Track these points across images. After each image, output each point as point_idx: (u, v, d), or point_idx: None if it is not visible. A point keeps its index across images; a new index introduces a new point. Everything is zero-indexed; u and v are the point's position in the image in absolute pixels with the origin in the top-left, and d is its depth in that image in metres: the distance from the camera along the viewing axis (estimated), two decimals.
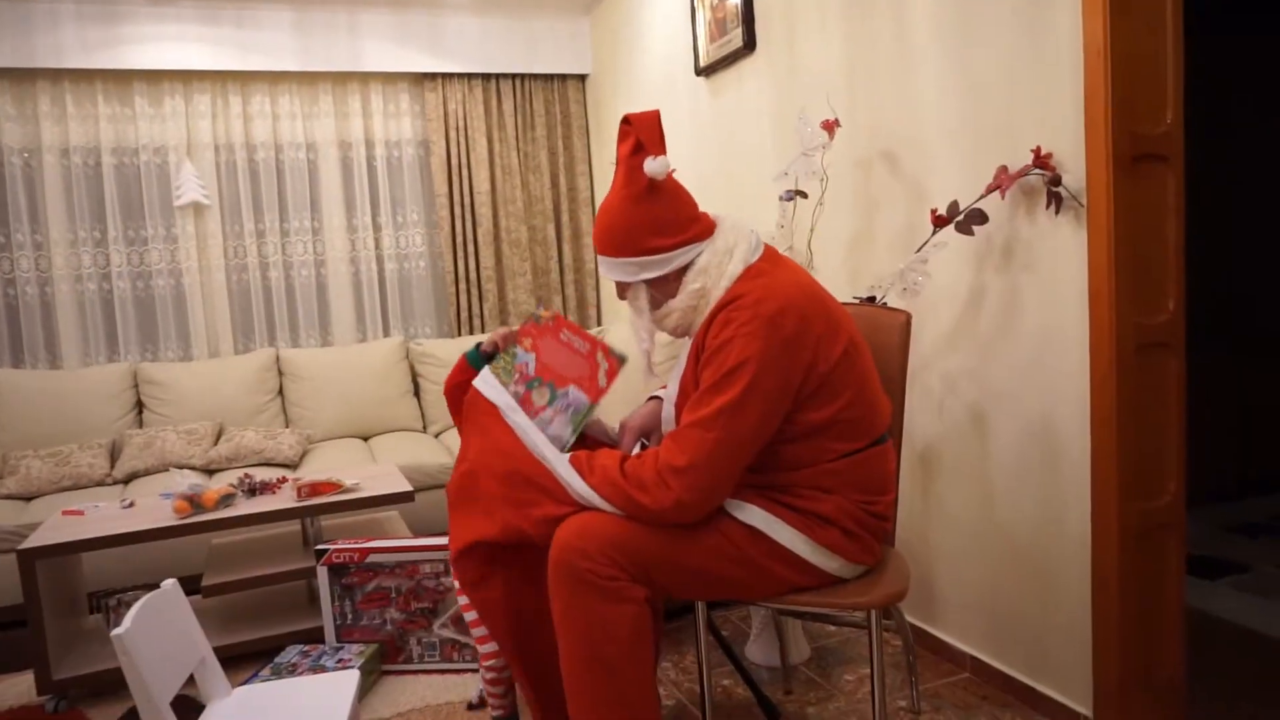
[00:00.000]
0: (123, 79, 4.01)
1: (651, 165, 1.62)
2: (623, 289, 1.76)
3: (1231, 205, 3.86)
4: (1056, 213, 1.93)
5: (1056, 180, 1.89)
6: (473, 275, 4.59)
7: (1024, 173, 1.95)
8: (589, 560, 1.55)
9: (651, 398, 1.97)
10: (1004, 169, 2.01)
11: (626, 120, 1.68)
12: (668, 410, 1.77)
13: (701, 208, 1.74)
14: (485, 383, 1.85)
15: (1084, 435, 1.94)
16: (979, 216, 2.06)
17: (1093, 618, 1.93)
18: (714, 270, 1.64)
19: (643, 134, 1.65)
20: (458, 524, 1.79)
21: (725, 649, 2.23)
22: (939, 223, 2.13)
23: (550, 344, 1.87)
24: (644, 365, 1.81)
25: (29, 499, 3.36)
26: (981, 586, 2.28)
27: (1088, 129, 1.83)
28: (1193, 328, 2.23)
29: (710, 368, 1.58)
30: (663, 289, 1.71)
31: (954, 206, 2.11)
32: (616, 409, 3.17)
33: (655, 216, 1.66)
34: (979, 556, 2.28)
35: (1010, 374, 2.13)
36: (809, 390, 1.58)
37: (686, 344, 1.73)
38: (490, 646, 2.00)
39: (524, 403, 1.86)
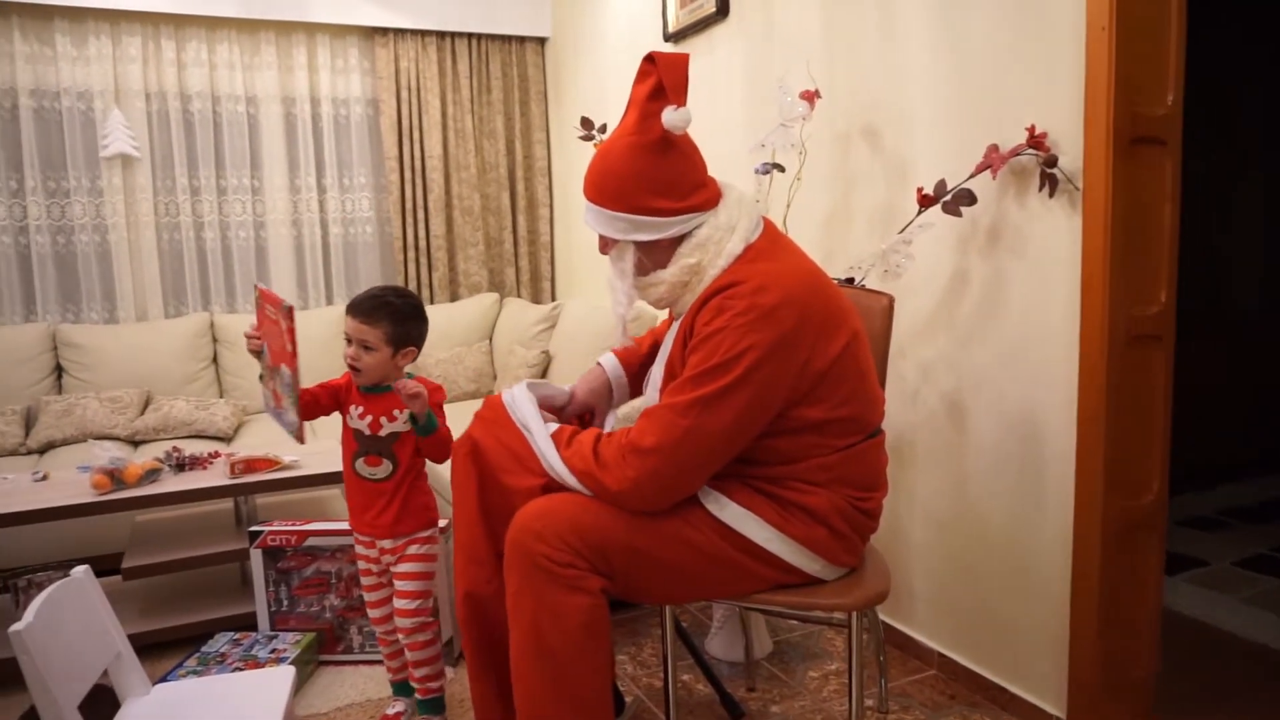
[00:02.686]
0: (42, 14, 3.69)
1: (671, 116, 1.46)
2: (606, 244, 1.59)
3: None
4: (1050, 195, 1.84)
5: (1052, 161, 1.80)
6: (422, 243, 4.38)
7: (1017, 152, 1.86)
8: (543, 543, 1.44)
9: (596, 365, 1.84)
10: (994, 148, 1.92)
11: (650, 58, 1.49)
12: (651, 394, 1.64)
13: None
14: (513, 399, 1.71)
15: (1068, 428, 1.87)
16: (967, 197, 1.97)
17: (1071, 617, 1.87)
18: (712, 246, 1.50)
19: (667, 77, 1.47)
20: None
21: (686, 643, 2.13)
22: (925, 202, 2.03)
23: (266, 326, 1.84)
24: (617, 331, 1.65)
25: None
26: (951, 582, 2.21)
27: (1088, 107, 1.74)
28: None
29: (698, 354, 1.45)
30: (652, 255, 1.55)
31: (941, 186, 2.01)
32: (570, 373, 3.03)
33: (662, 174, 1.49)
34: (950, 551, 2.21)
35: (991, 363, 2.05)
36: (804, 388, 1.47)
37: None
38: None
39: (275, 397, 1.89)
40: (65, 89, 3.75)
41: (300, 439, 1.90)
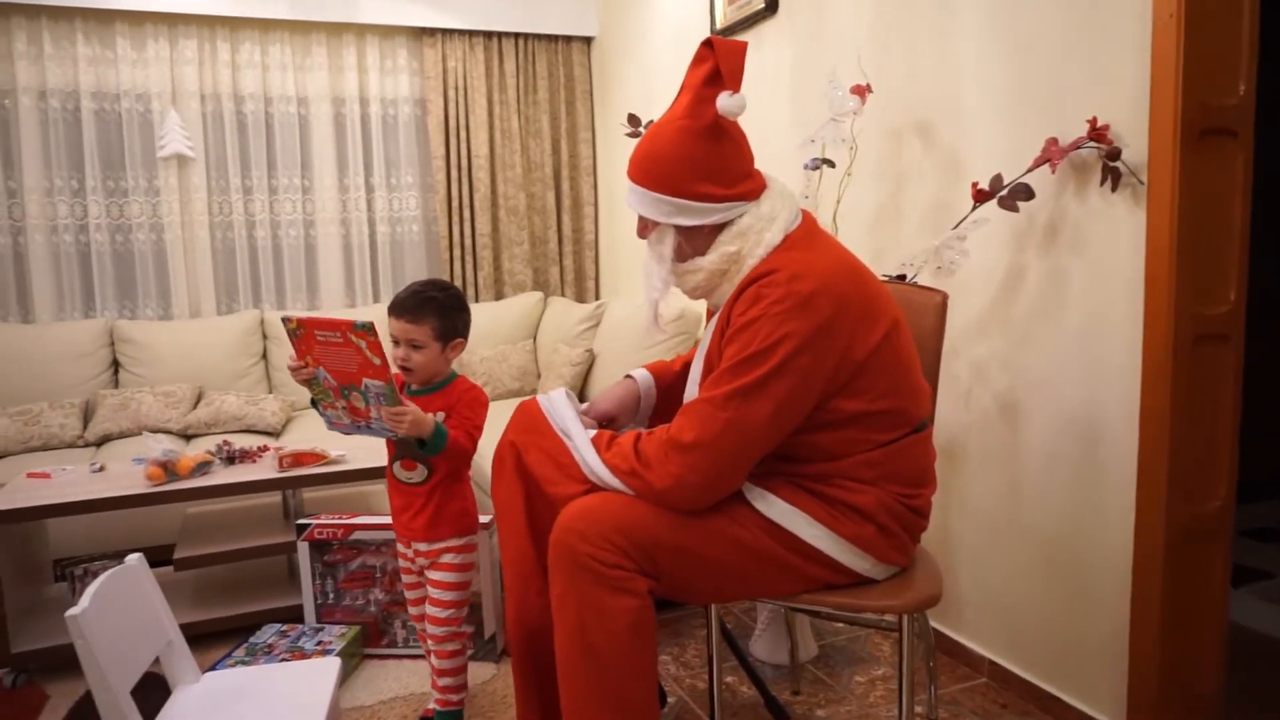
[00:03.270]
0: (104, 19, 3.79)
1: (727, 101, 1.44)
2: (646, 227, 1.57)
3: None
4: (1113, 190, 1.78)
5: (1115, 154, 1.74)
6: (468, 242, 4.41)
7: (1077, 145, 1.80)
8: (588, 543, 1.42)
9: (626, 377, 1.81)
10: (1053, 141, 1.86)
11: (708, 43, 1.47)
12: (691, 390, 1.62)
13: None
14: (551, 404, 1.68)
15: (1129, 431, 1.80)
16: (1024, 192, 1.92)
17: (1131, 626, 1.81)
18: (753, 236, 1.48)
19: (724, 63, 1.45)
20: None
21: (731, 645, 2.10)
22: (980, 197, 1.98)
23: (320, 350, 1.76)
24: (649, 317, 1.62)
25: None
26: (1004, 588, 2.15)
27: (1153, 98, 1.68)
28: None
29: (735, 345, 1.43)
30: (693, 241, 1.53)
31: (997, 180, 1.96)
32: (614, 371, 3.01)
33: (710, 160, 1.48)
34: (1003, 556, 2.15)
35: (1047, 362, 1.99)
36: (843, 378, 1.44)
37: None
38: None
39: (354, 414, 1.82)
40: (125, 91, 3.84)
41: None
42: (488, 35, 4.36)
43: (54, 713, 2.16)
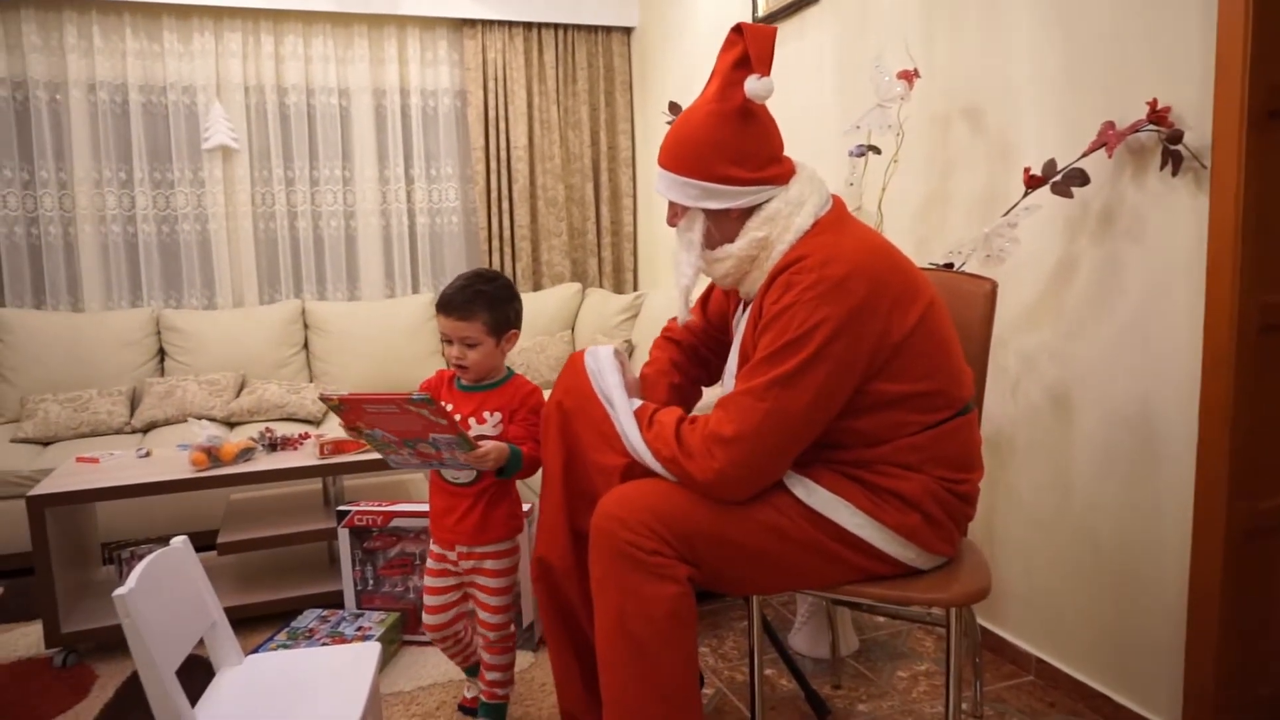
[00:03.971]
0: (151, 12, 3.84)
1: (754, 84, 1.44)
2: (675, 214, 1.56)
3: None
4: (1173, 174, 1.72)
5: (1176, 137, 1.68)
6: (506, 233, 4.41)
7: (1136, 128, 1.74)
8: (629, 530, 1.41)
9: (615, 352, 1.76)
10: (1110, 125, 1.80)
11: (737, 29, 1.47)
12: (727, 382, 1.61)
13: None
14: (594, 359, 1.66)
15: (1187, 424, 1.74)
16: (1079, 177, 1.86)
17: (1188, 626, 1.75)
18: (781, 220, 1.47)
19: (753, 47, 1.45)
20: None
21: (771, 637, 2.07)
22: (1032, 183, 1.92)
23: (372, 418, 1.65)
24: (680, 305, 1.61)
25: (46, 443, 3.26)
26: (1052, 584, 2.10)
27: (1218, 77, 1.62)
28: None
29: (769, 334, 1.41)
30: (722, 227, 1.52)
31: (1051, 166, 1.91)
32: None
33: (739, 143, 1.47)
34: (1052, 551, 2.09)
35: (1101, 353, 1.93)
36: (880, 361, 1.41)
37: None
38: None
39: (423, 457, 1.74)
40: (171, 83, 3.89)
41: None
42: (527, 26, 4.36)
43: (103, 692, 2.20)
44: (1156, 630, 1.84)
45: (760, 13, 3.21)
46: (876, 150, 2.32)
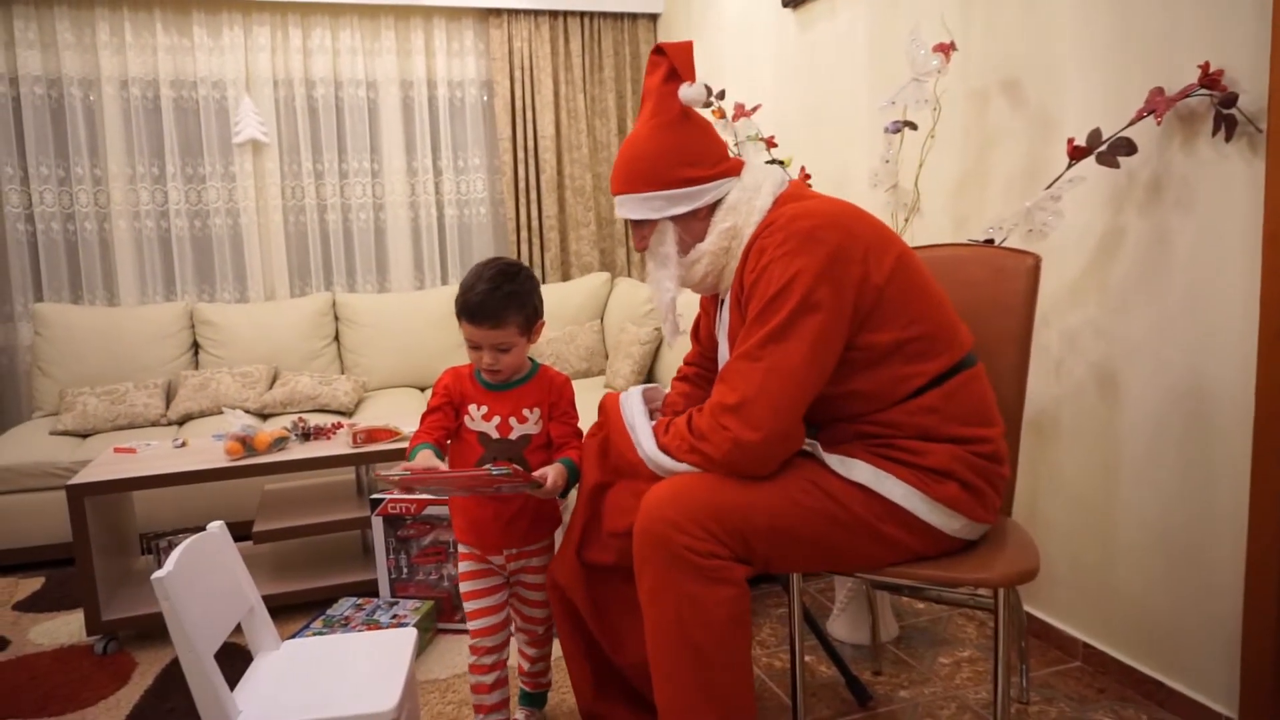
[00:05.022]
0: (181, 7, 3.87)
1: (687, 91, 1.52)
2: (643, 236, 1.59)
3: None
4: (1226, 140, 1.66)
5: (1230, 101, 1.62)
6: (535, 223, 4.40)
7: (1187, 93, 1.68)
8: (682, 533, 1.36)
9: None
10: (1158, 91, 1.74)
11: (659, 50, 1.57)
12: (724, 363, 1.61)
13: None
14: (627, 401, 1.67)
15: (1243, 399, 1.68)
16: (1125, 146, 1.80)
17: (1244, 611, 1.69)
18: (744, 206, 1.51)
19: (677, 61, 1.54)
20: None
21: (810, 624, 2.04)
22: (1076, 154, 1.87)
23: (438, 482, 1.58)
24: (669, 324, 1.65)
25: (84, 436, 3.30)
26: (1100, 569, 2.04)
27: (1275, 37, 1.55)
28: None
29: (753, 300, 1.43)
30: (691, 230, 1.56)
31: (1095, 135, 1.85)
32: (683, 349, 2.94)
33: (688, 145, 1.53)
34: (1099, 536, 2.04)
35: (1149, 330, 1.87)
36: (866, 308, 1.41)
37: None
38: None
39: (476, 492, 1.69)
40: (201, 78, 3.92)
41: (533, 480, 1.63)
42: (553, 15, 4.33)
43: (143, 678, 2.21)
44: (1212, 613, 1.78)
45: None
46: (913, 126, 2.27)
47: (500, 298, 1.64)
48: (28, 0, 3.68)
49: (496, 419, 1.74)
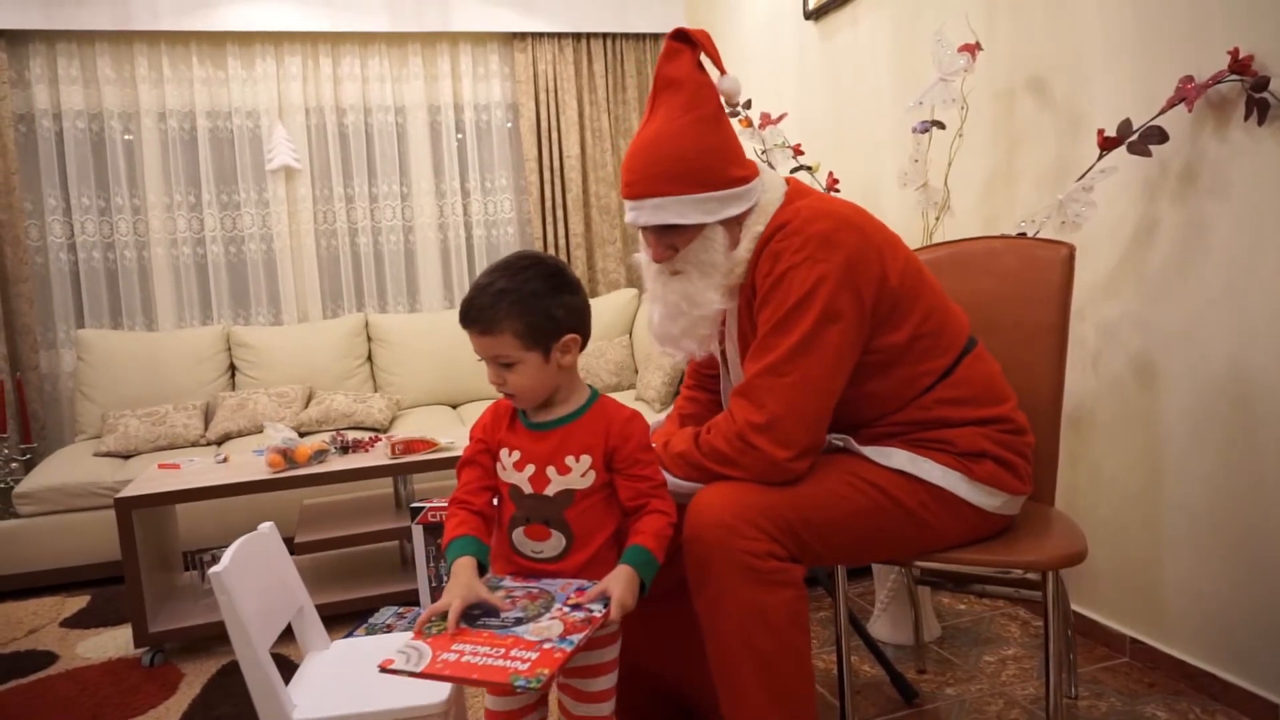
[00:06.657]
0: (216, 41, 3.98)
1: (728, 83, 1.46)
2: (671, 245, 1.44)
3: None
4: (1259, 124, 1.66)
5: (1262, 84, 1.63)
6: (561, 242, 4.45)
7: (1217, 80, 1.69)
8: (739, 537, 1.32)
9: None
10: (1188, 79, 1.75)
11: (684, 36, 1.43)
12: (735, 373, 1.57)
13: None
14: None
15: None
16: (1157, 135, 1.81)
17: None
18: (769, 207, 1.45)
19: (707, 49, 1.44)
20: None
21: (853, 624, 2.03)
22: (1107, 144, 1.88)
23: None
24: (700, 338, 1.51)
25: (127, 457, 3.36)
26: (1146, 563, 2.02)
27: None
28: None
29: (769, 306, 1.39)
30: (733, 234, 1.45)
31: (1126, 125, 1.86)
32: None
33: (730, 143, 1.45)
34: (1143, 529, 2.02)
35: (1188, 320, 1.87)
36: (886, 308, 1.41)
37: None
38: None
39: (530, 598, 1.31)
40: (236, 108, 4.02)
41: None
42: (576, 37, 4.41)
43: (190, 688, 2.24)
44: (1266, 606, 1.76)
45: (811, 5, 3.21)
46: (941, 125, 2.29)
47: (488, 296, 1.27)
48: (70, 38, 3.80)
49: (530, 468, 1.32)
